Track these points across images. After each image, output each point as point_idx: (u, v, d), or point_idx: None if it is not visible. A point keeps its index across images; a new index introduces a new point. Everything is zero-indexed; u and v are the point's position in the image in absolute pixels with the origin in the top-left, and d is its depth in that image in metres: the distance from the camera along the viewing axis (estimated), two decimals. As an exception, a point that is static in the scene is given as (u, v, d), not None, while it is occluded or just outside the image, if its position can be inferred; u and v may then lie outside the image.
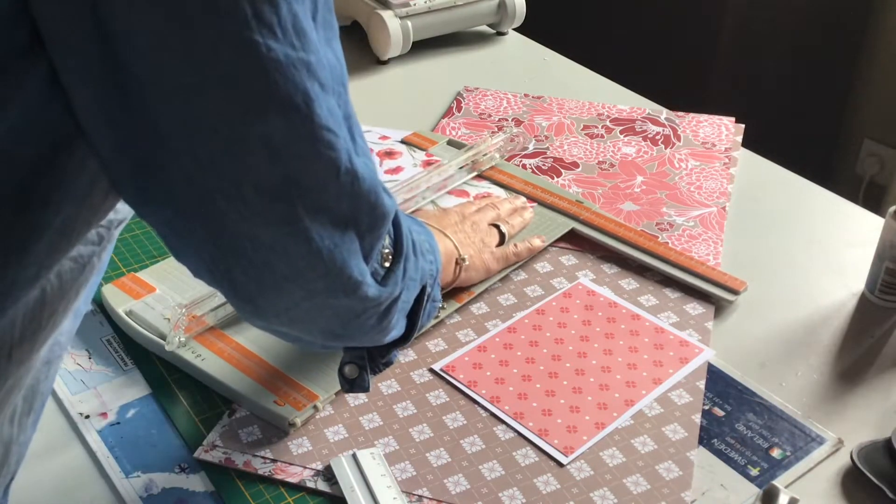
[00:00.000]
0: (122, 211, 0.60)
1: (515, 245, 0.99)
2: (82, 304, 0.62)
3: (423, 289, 0.73)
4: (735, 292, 0.96)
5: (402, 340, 0.75)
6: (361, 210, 0.58)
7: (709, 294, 0.97)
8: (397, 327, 0.72)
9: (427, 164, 1.14)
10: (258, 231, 0.55)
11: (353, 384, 0.76)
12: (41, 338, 0.57)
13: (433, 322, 0.91)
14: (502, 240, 1.00)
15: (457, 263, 0.92)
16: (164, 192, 0.53)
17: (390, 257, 0.66)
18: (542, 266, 1.01)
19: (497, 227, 1.00)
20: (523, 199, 1.08)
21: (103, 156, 0.53)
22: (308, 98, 0.52)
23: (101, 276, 0.63)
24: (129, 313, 0.90)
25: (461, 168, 1.12)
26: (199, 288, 0.92)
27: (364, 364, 0.75)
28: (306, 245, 0.56)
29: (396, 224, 0.67)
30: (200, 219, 0.54)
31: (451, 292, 0.95)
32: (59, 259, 0.55)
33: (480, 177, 1.13)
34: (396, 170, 1.13)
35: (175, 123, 0.50)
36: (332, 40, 0.55)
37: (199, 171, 0.52)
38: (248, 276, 0.57)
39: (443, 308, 0.93)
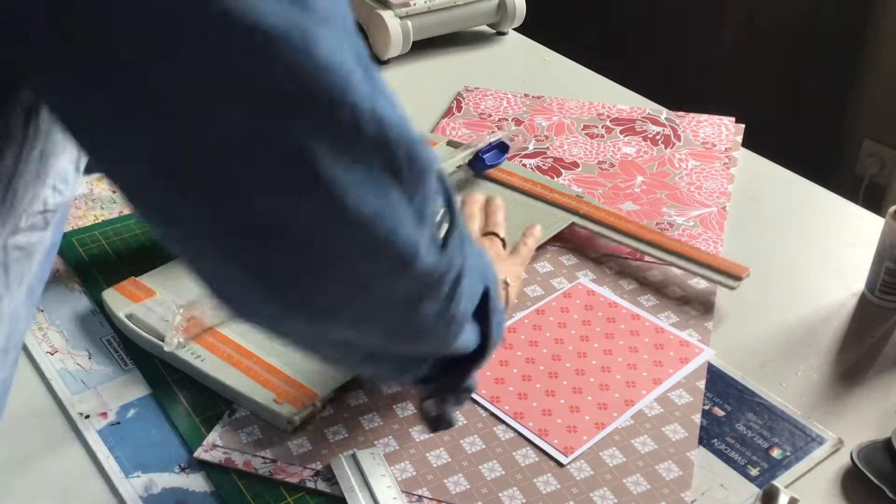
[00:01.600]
0: (65, 192, 0.56)
1: (524, 242, 0.97)
2: (37, 285, 0.59)
3: (487, 291, 0.64)
4: (737, 278, 0.96)
5: (479, 355, 0.66)
6: (399, 158, 0.49)
7: (711, 280, 0.96)
8: (468, 331, 0.63)
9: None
10: (284, 204, 0.46)
11: (437, 421, 0.69)
12: None
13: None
14: (503, 244, 0.97)
15: (504, 288, 0.86)
16: (166, 162, 0.45)
17: (444, 221, 0.56)
18: (542, 266, 1.01)
19: (493, 233, 0.96)
20: (478, 195, 1.00)
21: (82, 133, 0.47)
22: (304, 32, 0.44)
23: (55, 253, 0.60)
24: (130, 317, 0.90)
25: (458, 167, 1.12)
26: (200, 291, 0.92)
27: (445, 395, 0.67)
28: (341, 214, 0.47)
29: (445, 185, 0.57)
30: (208, 190, 0.46)
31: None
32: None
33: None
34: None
35: (149, 71, 0.43)
36: None
37: (189, 128, 0.44)
38: (281, 264, 0.48)
39: None
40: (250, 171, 0.45)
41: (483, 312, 0.64)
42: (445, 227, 0.56)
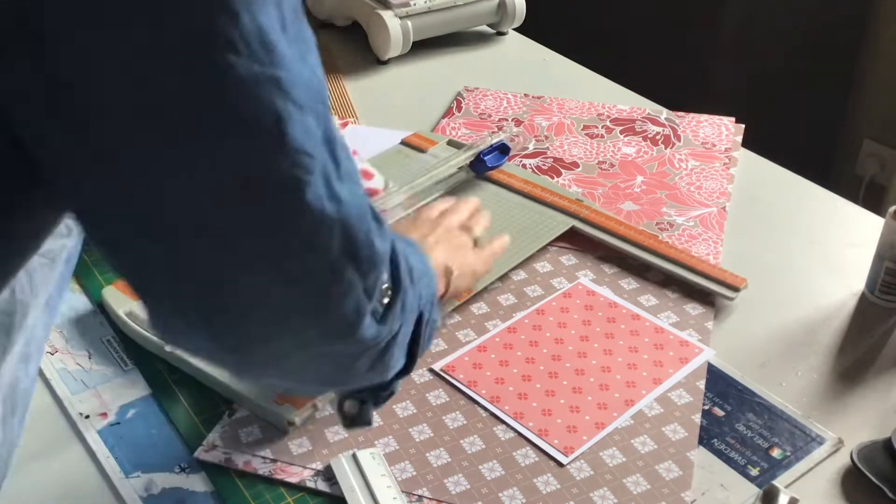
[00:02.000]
0: None
1: (491, 244, 0.95)
2: (56, 294, 0.60)
3: (421, 316, 0.66)
4: (735, 289, 0.96)
5: (404, 372, 0.68)
6: (357, 242, 0.52)
7: (709, 291, 0.97)
8: (398, 364, 0.66)
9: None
10: (236, 272, 0.48)
11: (354, 420, 0.70)
12: (15, 337, 0.56)
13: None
14: (475, 243, 0.95)
15: (445, 276, 0.86)
16: (131, 226, 0.48)
17: (389, 293, 0.58)
18: (542, 266, 1.01)
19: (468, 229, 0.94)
20: (475, 199, 1.00)
21: (64, 197, 0.49)
22: (278, 118, 0.46)
23: (75, 262, 0.61)
24: (130, 314, 0.90)
25: (459, 168, 1.12)
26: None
27: (364, 398, 0.69)
28: (291, 287, 0.50)
29: (394, 254, 0.59)
30: (172, 257, 0.48)
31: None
32: (28, 258, 0.53)
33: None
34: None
35: (136, 150, 0.45)
36: (306, 54, 0.49)
37: (167, 202, 0.46)
38: (228, 324, 0.51)
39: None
40: (223, 253, 0.48)
41: (414, 338, 0.66)
42: (388, 298, 0.58)
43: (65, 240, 0.57)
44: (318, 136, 0.48)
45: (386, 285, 0.58)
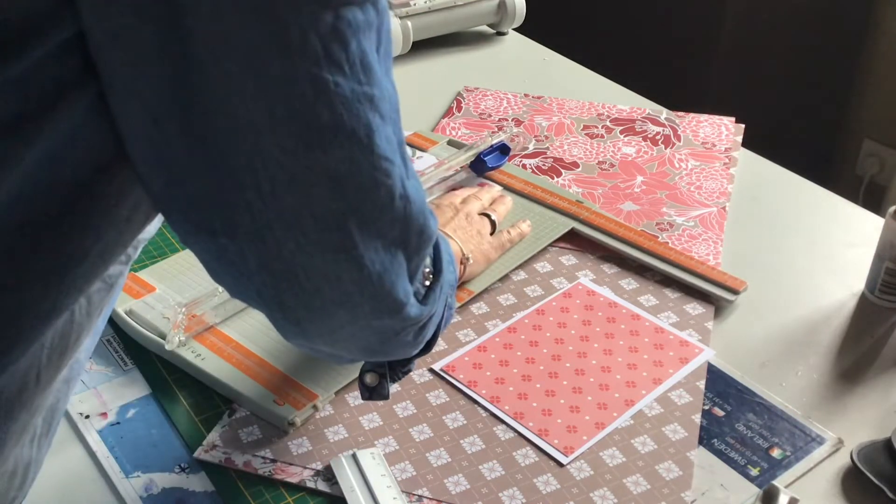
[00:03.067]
0: (149, 230, 0.61)
1: (508, 231, 1.02)
2: (101, 324, 0.63)
3: (445, 303, 0.73)
4: (735, 292, 0.96)
5: (425, 350, 0.74)
6: (411, 232, 0.59)
7: (709, 294, 0.97)
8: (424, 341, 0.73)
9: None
10: (313, 259, 0.55)
11: (372, 392, 0.76)
12: (66, 360, 0.57)
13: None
14: (493, 227, 1.02)
15: (462, 262, 0.94)
16: (221, 224, 0.54)
17: (431, 276, 0.67)
18: (542, 266, 1.01)
19: (487, 215, 1.02)
20: (498, 187, 1.10)
21: (154, 191, 0.53)
22: (370, 130, 0.53)
23: (122, 286, 0.64)
24: (129, 313, 0.90)
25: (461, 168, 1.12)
26: (199, 288, 0.92)
27: (384, 372, 0.76)
28: (358, 271, 0.57)
29: (436, 242, 0.68)
30: (255, 248, 0.55)
31: (451, 292, 0.95)
32: (94, 282, 0.56)
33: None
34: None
35: (242, 159, 0.51)
36: (390, 70, 0.57)
37: (262, 203, 0.52)
38: (299, 301, 0.58)
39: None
40: (294, 233, 0.54)
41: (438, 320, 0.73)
42: (429, 280, 0.67)
43: (123, 266, 0.60)
44: (395, 142, 0.56)
45: (428, 269, 0.67)
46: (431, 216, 0.62)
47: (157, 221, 0.61)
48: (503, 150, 1.14)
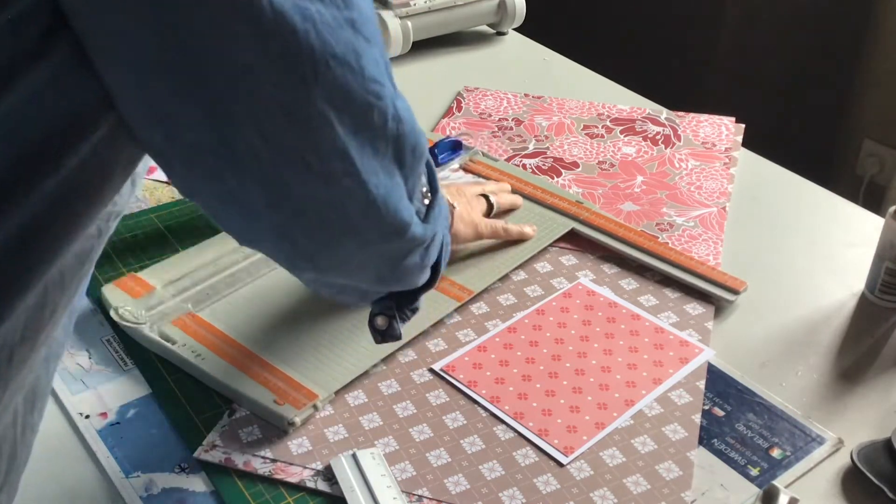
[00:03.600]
0: (119, 203, 0.60)
1: (507, 222, 1.02)
2: (77, 298, 0.62)
3: (444, 235, 0.75)
4: (735, 292, 0.96)
5: (429, 284, 0.77)
6: (405, 151, 0.61)
7: (709, 294, 0.97)
8: (428, 270, 0.75)
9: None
10: (318, 192, 0.57)
11: (384, 334, 0.78)
12: (41, 336, 0.57)
13: (433, 321, 0.91)
14: (490, 210, 1.02)
15: (451, 210, 0.94)
16: (225, 169, 0.54)
17: (429, 195, 0.69)
18: (542, 266, 1.01)
19: (486, 197, 1.03)
20: (505, 183, 1.10)
21: (154, 146, 0.54)
22: (357, 55, 0.53)
23: (93, 268, 0.63)
24: (129, 312, 0.90)
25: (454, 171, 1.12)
26: (198, 287, 0.93)
27: (393, 313, 0.77)
28: (364, 196, 0.58)
29: (428, 161, 0.69)
30: (262, 188, 0.56)
31: (451, 292, 0.95)
32: (64, 256, 0.55)
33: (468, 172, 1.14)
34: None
35: (240, 102, 0.51)
36: None
37: (264, 143, 0.53)
38: (308, 236, 0.60)
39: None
40: (298, 167, 0.55)
41: (439, 254, 0.76)
42: (428, 199, 0.69)
43: (94, 241, 0.59)
44: (381, 64, 0.56)
45: (425, 188, 0.68)
46: (422, 134, 0.63)
47: (129, 194, 0.60)
48: (455, 146, 1.15)
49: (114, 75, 0.50)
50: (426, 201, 0.69)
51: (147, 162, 0.59)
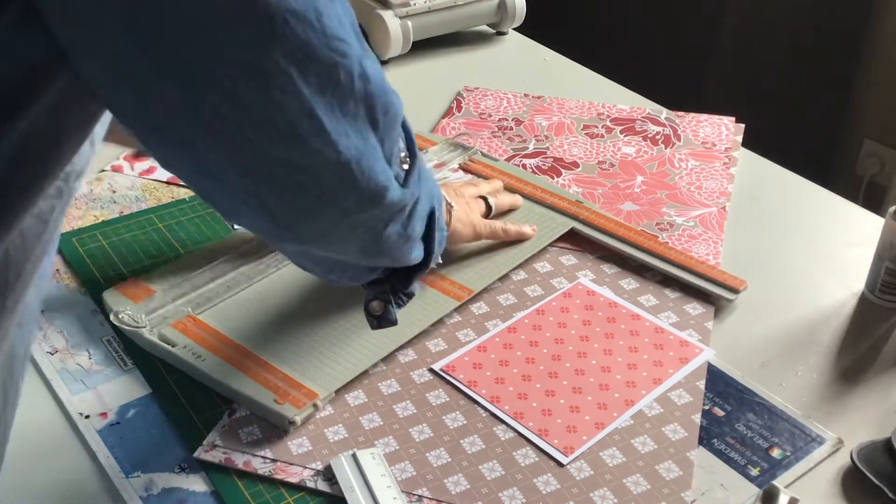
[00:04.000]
0: (78, 163, 0.59)
1: (506, 223, 1.02)
2: (47, 262, 0.61)
3: (433, 212, 0.75)
4: (735, 291, 0.96)
5: (422, 266, 0.77)
6: (377, 111, 0.60)
7: (709, 293, 0.97)
8: (417, 246, 0.74)
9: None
10: (289, 154, 0.56)
11: (380, 319, 0.78)
12: (9, 301, 0.56)
13: (433, 321, 0.91)
14: (489, 212, 1.02)
15: (447, 210, 0.93)
16: (195, 134, 0.54)
17: (408, 159, 0.68)
18: (542, 266, 1.01)
19: (484, 199, 1.02)
20: (498, 182, 1.09)
21: (127, 116, 0.54)
22: (318, 11, 0.53)
23: (60, 231, 0.62)
24: (129, 315, 0.90)
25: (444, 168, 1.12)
26: (198, 291, 0.93)
27: (388, 298, 0.77)
28: (335, 157, 0.58)
29: (405, 126, 0.68)
30: (233, 154, 0.55)
31: (451, 292, 0.95)
32: (22, 216, 0.54)
33: (466, 171, 1.13)
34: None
35: (200, 60, 0.51)
36: None
37: (229, 104, 0.52)
38: (284, 203, 0.59)
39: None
40: (266, 129, 0.54)
41: (428, 231, 0.75)
42: (407, 164, 0.67)
43: (56, 201, 0.58)
44: (346, 22, 0.55)
45: (403, 153, 0.67)
46: (394, 94, 0.62)
47: (89, 154, 0.60)
48: None
49: (73, 36, 0.49)
50: (405, 166, 0.67)
51: (106, 122, 0.59)
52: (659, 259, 1.00)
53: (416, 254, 0.75)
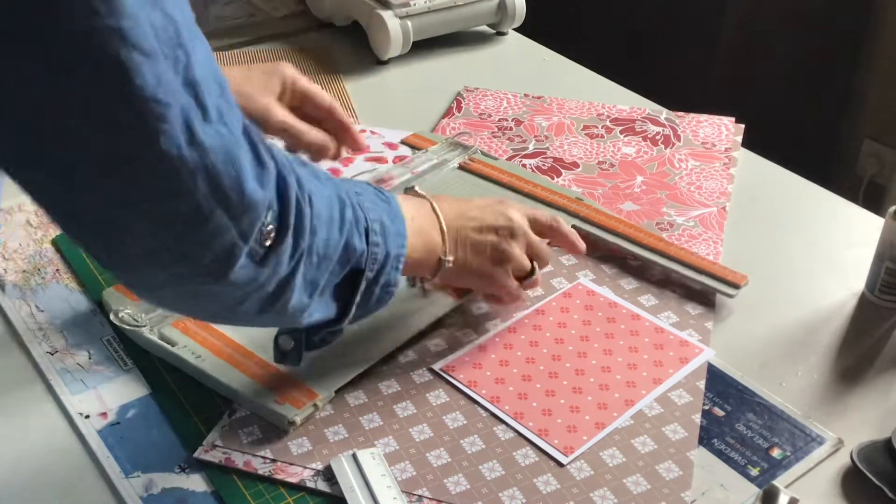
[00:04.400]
0: None
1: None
2: None
3: (362, 272, 0.68)
4: (735, 286, 0.96)
5: (336, 321, 0.70)
6: (224, 188, 0.53)
7: (710, 288, 0.97)
8: (318, 310, 0.67)
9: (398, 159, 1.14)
10: (98, 207, 0.52)
11: (285, 356, 0.75)
12: None
13: (433, 321, 0.91)
14: (530, 274, 0.90)
15: (439, 262, 0.83)
16: (11, 161, 0.51)
17: (272, 235, 0.59)
18: (542, 266, 1.01)
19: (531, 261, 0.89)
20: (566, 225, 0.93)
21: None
22: (123, 69, 0.47)
23: None
24: (128, 314, 0.90)
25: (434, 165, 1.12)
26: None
27: (300, 336, 0.73)
28: (160, 228, 0.52)
29: (284, 192, 0.59)
30: (48, 189, 0.51)
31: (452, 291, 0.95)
32: None
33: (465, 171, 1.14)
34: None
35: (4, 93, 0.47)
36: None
37: (43, 137, 0.49)
38: (104, 251, 0.55)
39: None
40: (92, 192, 0.51)
41: (351, 286, 0.68)
42: (270, 241, 0.59)
43: None
44: (175, 81, 0.50)
45: (270, 227, 0.59)
46: (263, 168, 0.56)
47: None
48: None
49: None
50: (268, 242, 0.59)
51: None
52: (659, 255, 1.00)
53: (319, 316, 0.68)
